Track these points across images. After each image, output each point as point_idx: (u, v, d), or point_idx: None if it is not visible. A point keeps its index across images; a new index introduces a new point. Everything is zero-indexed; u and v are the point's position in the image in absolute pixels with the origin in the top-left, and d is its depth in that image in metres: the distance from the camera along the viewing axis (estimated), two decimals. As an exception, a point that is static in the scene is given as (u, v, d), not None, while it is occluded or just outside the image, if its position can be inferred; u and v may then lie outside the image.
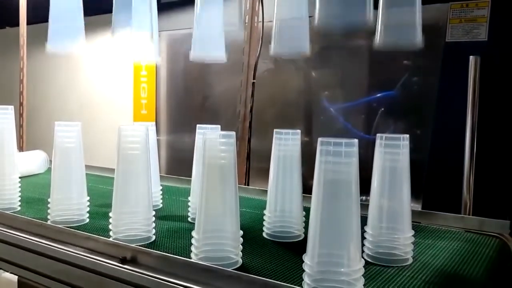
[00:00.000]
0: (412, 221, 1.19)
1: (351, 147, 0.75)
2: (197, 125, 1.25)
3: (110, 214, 1.04)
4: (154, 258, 0.88)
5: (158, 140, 2.85)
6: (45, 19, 1.35)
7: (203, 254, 0.89)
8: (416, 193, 1.00)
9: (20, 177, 1.36)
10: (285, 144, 1.10)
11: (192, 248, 0.91)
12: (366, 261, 0.94)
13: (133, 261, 0.90)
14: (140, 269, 0.87)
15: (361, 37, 2.08)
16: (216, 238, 0.90)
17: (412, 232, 0.97)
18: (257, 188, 1.59)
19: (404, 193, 0.96)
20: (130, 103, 2.90)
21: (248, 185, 1.93)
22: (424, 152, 1.75)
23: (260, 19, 1.86)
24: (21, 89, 2.47)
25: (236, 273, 0.78)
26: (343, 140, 0.75)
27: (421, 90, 1.93)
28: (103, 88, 3.18)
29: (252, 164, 1.96)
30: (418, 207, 1.71)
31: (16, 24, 2.70)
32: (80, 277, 0.96)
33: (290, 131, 1.10)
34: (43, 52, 1.39)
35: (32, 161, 1.93)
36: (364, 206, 1.02)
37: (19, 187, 1.35)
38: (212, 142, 0.89)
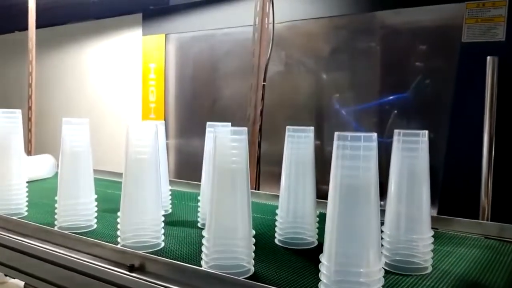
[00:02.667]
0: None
1: (370, 151, 0.71)
2: (207, 123, 1.21)
3: (118, 220, 1.02)
4: (163, 265, 0.85)
5: (167, 144, 2.85)
6: (54, 23, 1.34)
7: (214, 262, 0.86)
8: (432, 198, 0.96)
9: (27, 182, 1.34)
10: (298, 142, 1.06)
11: (203, 256, 0.88)
12: (384, 269, 0.90)
13: (141, 269, 0.87)
14: (148, 277, 0.84)
15: (373, 38, 2.05)
16: (227, 245, 0.86)
17: (432, 239, 0.93)
18: (267, 193, 1.56)
19: (423, 195, 0.92)
20: (138, 107, 2.88)
21: (258, 189, 1.89)
22: (440, 155, 1.71)
23: (271, 20, 1.83)
24: (30, 93, 2.46)
25: (249, 283, 0.75)
26: (361, 144, 0.71)
27: (436, 91, 1.89)
28: (112, 92, 3.18)
29: (263, 168, 1.93)
30: (433, 212, 1.66)
31: (25, 28, 2.69)
32: (87, 285, 0.93)
33: (304, 128, 1.06)
34: (51, 56, 1.37)
35: (40, 166, 1.91)
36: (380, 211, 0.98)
37: (26, 192, 1.33)
38: (223, 138, 0.85)
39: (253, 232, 0.88)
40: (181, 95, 2.81)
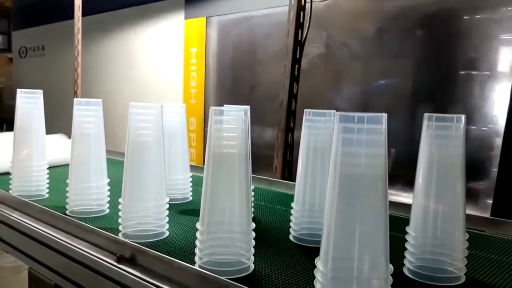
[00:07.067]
0: (475, 229, 1.00)
1: (378, 135, 0.59)
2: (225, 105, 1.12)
3: (119, 207, 0.95)
4: (152, 259, 0.77)
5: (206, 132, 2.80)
6: (99, 10, 1.30)
7: (208, 257, 0.77)
8: (484, 198, 0.81)
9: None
10: (317, 127, 0.94)
11: (196, 251, 0.79)
12: (406, 277, 0.77)
13: (130, 261, 0.80)
14: (135, 270, 0.77)
15: (423, 15, 1.85)
16: (222, 239, 0.77)
17: (466, 243, 0.78)
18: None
19: (457, 190, 0.77)
20: (180, 93, 2.85)
21: (290, 179, 1.78)
22: (495, 148, 1.50)
23: (309, -1, 1.69)
24: (76, 78, 2.49)
25: (231, 283, 0.65)
26: (365, 126, 0.58)
27: (496, 75, 1.67)
28: (156, 77, 3.17)
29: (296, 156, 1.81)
30: (486, 214, 1.47)
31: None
32: (81, 274, 0.87)
33: (324, 111, 0.94)
34: (99, 43, 1.34)
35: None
36: (407, 206, 0.85)
37: (47, 174, 1.31)
38: (217, 119, 0.76)
39: (253, 225, 0.78)
40: (221, 80, 2.74)
